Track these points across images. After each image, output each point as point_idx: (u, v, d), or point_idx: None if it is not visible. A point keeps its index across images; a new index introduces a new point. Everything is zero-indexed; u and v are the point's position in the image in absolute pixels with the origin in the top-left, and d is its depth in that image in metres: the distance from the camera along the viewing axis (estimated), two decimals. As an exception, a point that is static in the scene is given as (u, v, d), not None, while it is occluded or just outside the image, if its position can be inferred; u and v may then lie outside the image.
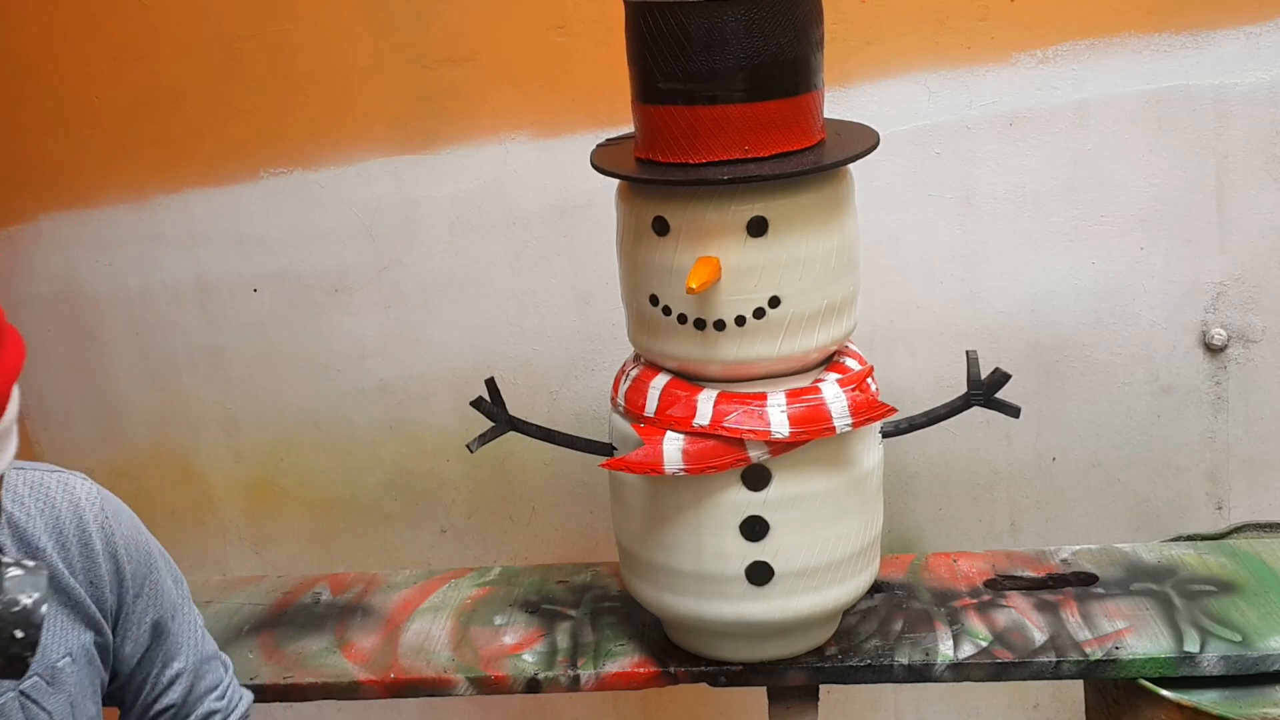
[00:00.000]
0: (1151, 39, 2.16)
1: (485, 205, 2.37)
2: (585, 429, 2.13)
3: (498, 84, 2.30)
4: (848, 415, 1.60)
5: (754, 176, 1.52)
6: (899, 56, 2.21)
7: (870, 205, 1.89)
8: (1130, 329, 2.30)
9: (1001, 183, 2.25)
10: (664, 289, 1.61)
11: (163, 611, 1.45)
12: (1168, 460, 2.37)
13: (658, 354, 1.68)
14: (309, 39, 2.31)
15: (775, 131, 1.55)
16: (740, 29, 1.50)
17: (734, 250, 1.55)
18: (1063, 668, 1.76)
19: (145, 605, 1.42)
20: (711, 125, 1.53)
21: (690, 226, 1.56)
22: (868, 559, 1.76)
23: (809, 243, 1.58)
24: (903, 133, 2.23)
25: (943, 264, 2.30)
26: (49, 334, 2.57)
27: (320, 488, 1.47)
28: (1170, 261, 2.26)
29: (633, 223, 1.64)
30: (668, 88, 1.54)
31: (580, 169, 1.77)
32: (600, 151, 1.74)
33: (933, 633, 1.83)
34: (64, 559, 1.32)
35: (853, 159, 1.59)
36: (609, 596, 2.03)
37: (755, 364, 1.62)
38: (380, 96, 2.33)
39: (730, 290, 1.56)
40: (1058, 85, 2.19)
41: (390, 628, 2.00)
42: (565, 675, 1.82)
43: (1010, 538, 2.44)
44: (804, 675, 1.79)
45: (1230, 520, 2.33)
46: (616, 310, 1.81)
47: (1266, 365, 2.29)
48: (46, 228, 2.52)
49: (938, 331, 2.32)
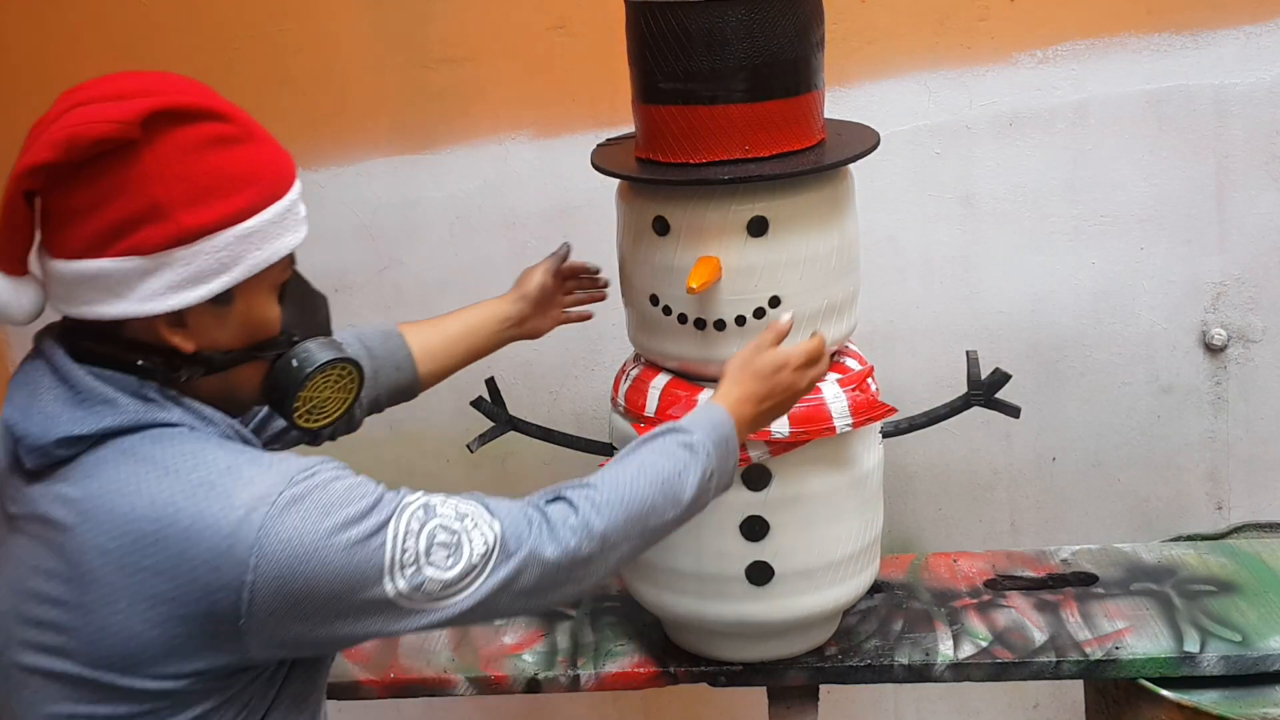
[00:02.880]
0: (1151, 39, 2.16)
1: (485, 205, 2.37)
2: (585, 429, 2.13)
3: (498, 84, 2.30)
4: (848, 415, 1.60)
5: (755, 176, 1.52)
6: (899, 56, 2.21)
7: (870, 205, 1.89)
8: (1130, 329, 2.30)
9: (1001, 183, 2.25)
10: (664, 289, 1.61)
11: None
12: (1168, 460, 2.37)
13: (658, 354, 1.68)
14: (308, 39, 2.31)
15: (776, 131, 1.55)
16: (741, 29, 1.50)
17: (734, 250, 1.55)
18: (1063, 668, 1.76)
19: None
20: (712, 125, 1.53)
21: (691, 226, 1.56)
22: (868, 559, 1.76)
23: (809, 242, 1.57)
24: (903, 133, 2.23)
25: (943, 264, 2.30)
26: (49, 334, 2.57)
27: (320, 488, 1.50)
28: (1170, 261, 2.26)
29: (633, 223, 1.64)
30: (668, 88, 1.54)
31: (580, 169, 1.77)
32: (600, 151, 1.74)
33: (933, 633, 1.83)
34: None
35: (853, 159, 1.59)
36: (609, 596, 2.03)
37: None
38: (380, 96, 2.33)
39: (730, 290, 1.56)
40: (1058, 85, 2.19)
41: (390, 628, 2.00)
42: (565, 675, 1.82)
43: (1010, 538, 2.44)
44: (804, 675, 1.79)
45: (1230, 520, 2.33)
46: (616, 310, 1.81)
47: (1266, 365, 2.29)
48: (46, 228, 2.52)
49: (938, 331, 2.32)
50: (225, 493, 1.08)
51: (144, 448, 1.11)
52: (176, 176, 1.09)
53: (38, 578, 1.13)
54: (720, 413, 1.39)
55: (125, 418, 1.12)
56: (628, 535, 1.28)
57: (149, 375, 1.15)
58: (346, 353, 1.27)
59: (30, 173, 1.08)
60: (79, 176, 1.09)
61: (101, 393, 1.13)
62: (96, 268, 1.10)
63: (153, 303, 1.11)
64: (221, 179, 1.11)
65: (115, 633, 1.10)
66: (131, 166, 1.08)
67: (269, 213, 1.15)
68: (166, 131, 1.09)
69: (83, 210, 1.09)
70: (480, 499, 1.26)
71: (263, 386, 1.23)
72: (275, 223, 1.16)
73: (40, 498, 1.13)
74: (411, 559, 1.15)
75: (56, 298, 1.16)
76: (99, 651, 1.11)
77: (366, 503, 1.14)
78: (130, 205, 1.09)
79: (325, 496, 1.11)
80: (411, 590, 1.15)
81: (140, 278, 1.10)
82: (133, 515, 1.08)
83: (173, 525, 1.08)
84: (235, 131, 1.14)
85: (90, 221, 1.09)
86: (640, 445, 1.35)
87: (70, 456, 1.12)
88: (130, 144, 1.08)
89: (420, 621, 1.17)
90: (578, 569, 1.25)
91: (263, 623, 1.10)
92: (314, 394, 1.24)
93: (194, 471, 1.10)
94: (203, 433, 1.15)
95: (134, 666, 1.10)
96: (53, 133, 1.07)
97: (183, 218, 1.09)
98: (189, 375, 1.16)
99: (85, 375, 1.13)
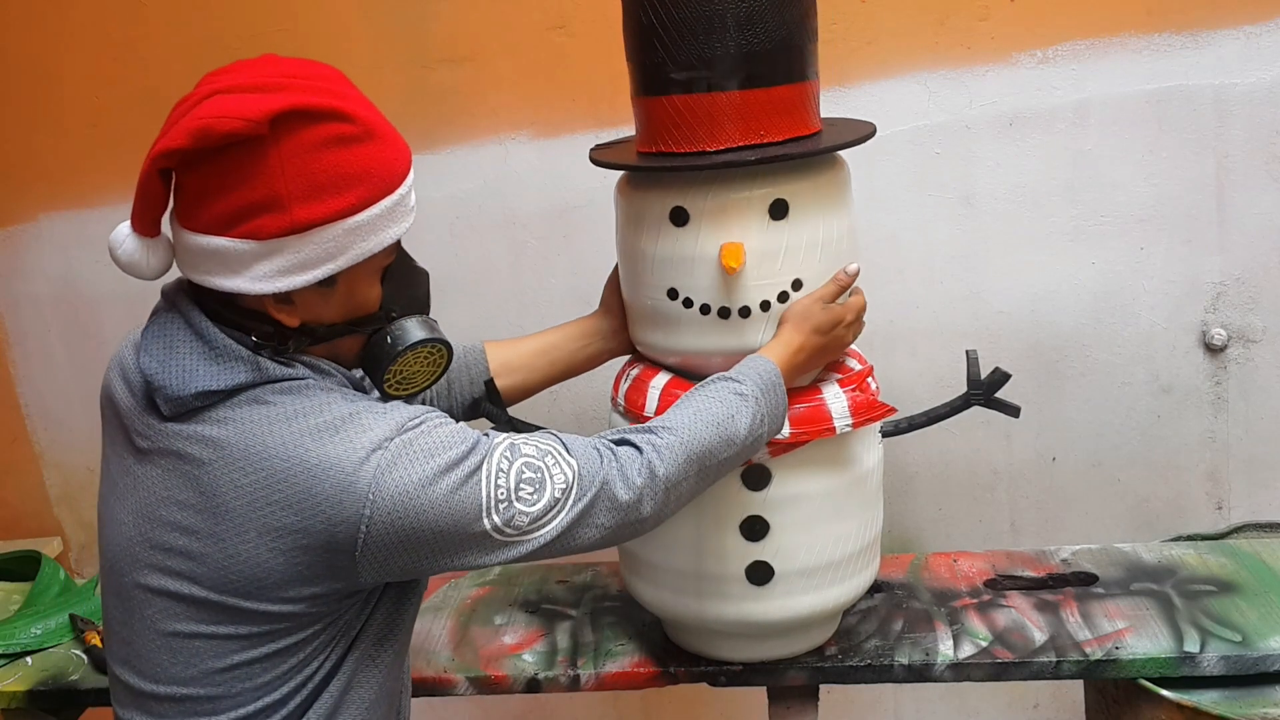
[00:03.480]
0: (1151, 39, 2.16)
1: (485, 205, 2.37)
2: (585, 429, 2.13)
3: (498, 84, 2.30)
4: (848, 415, 1.60)
5: (781, 156, 1.52)
6: (899, 56, 2.21)
7: (870, 205, 1.89)
8: (1130, 329, 2.30)
9: (1001, 183, 2.25)
10: (685, 280, 1.59)
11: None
12: (1168, 460, 2.37)
13: (669, 350, 1.66)
14: (308, 39, 2.31)
15: (786, 116, 1.56)
16: (761, 11, 1.50)
17: (757, 234, 1.55)
18: (1063, 668, 1.76)
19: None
20: (730, 110, 1.53)
21: (712, 213, 1.55)
22: (868, 559, 1.75)
23: (825, 224, 1.58)
24: (903, 133, 2.23)
25: (943, 264, 2.30)
26: (49, 334, 2.58)
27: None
28: (1170, 261, 2.26)
29: (644, 217, 1.62)
30: (682, 76, 1.53)
31: (580, 168, 1.77)
32: (595, 157, 1.72)
33: (933, 633, 1.83)
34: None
35: (869, 136, 1.60)
36: (609, 596, 2.03)
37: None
38: (380, 96, 2.31)
39: (755, 275, 1.56)
40: (1058, 85, 2.19)
41: (390, 628, 2.00)
42: (565, 675, 1.82)
43: (1010, 538, 2.44)
44: (804, 675, 1.79)
45: (1230, 520, 2.33)
46: (617, 310, 1.81)
47: (1266, 365, 2.30)
48: (46, 228, 2.52)
49: (938, 331, 2.32)
50: (347, 437, 1.22)
51: (275, 397, 1.24)
52: (296, 172, 1.20)
53: (170, 507, 1.25)
54: (767, 364, 1.50)
55: (257, 374, 1.25)
56: (687, 475, 1.40)
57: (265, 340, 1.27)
58: (439, 332, 1.39)
59: (165, 155, 1.19)
60: (209, 162, 1.19)
61: (235, 351, 1.25)
62: (218, 244, 1.22)
63: (263, 283, 1.23)
64: (337, 176, 1.21)
65: (244, 560, 1.23)
66: (257, 159, 1.19)
67: (377, 208, 1.25)
68: (292, 129, 1.19)
69: (210, 192, 1.21)
70: (556, 436, 1.37)
71: (360, 355, 1.36)
72: (383, 216, 1.26)
73: (175, 436, 1.25)
74: (505, 495, 1.27)
75: (183, 263, 1.28)
76: (227, 576, 1.23)
77: (464, 447, 1.27)
78: (252, 194, 1.19)
79: (430, 441, 1.25)
80: (505, 524, 1.28)
81: (255, 260, 1.22)
82: (265, 454, 1.21)
83: (301, 464, 1.21)
84: (356, 131, 1.24)
85: (216, 203, 1.20)
86: (695, 394, 1.47)
87: (206, 405, 1.25)
88: (258, 139, 1.18)
89: (512, 553, 1.30)
90: (644, 506, 1.36)
91: (375, 553, 1.23)
92: (404, 368, 1.37)
93: (319, 416, 1.23)
94: (323, 384, 1.28)
95: (258, 591, 1.24)
96: (190, 120, 1.18)
97: (297, 211, 1.20)
98: (295, 345, 1.29)
99: (220, 334, 1.25)
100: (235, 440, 1.22)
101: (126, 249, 1.27)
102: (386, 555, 1.24)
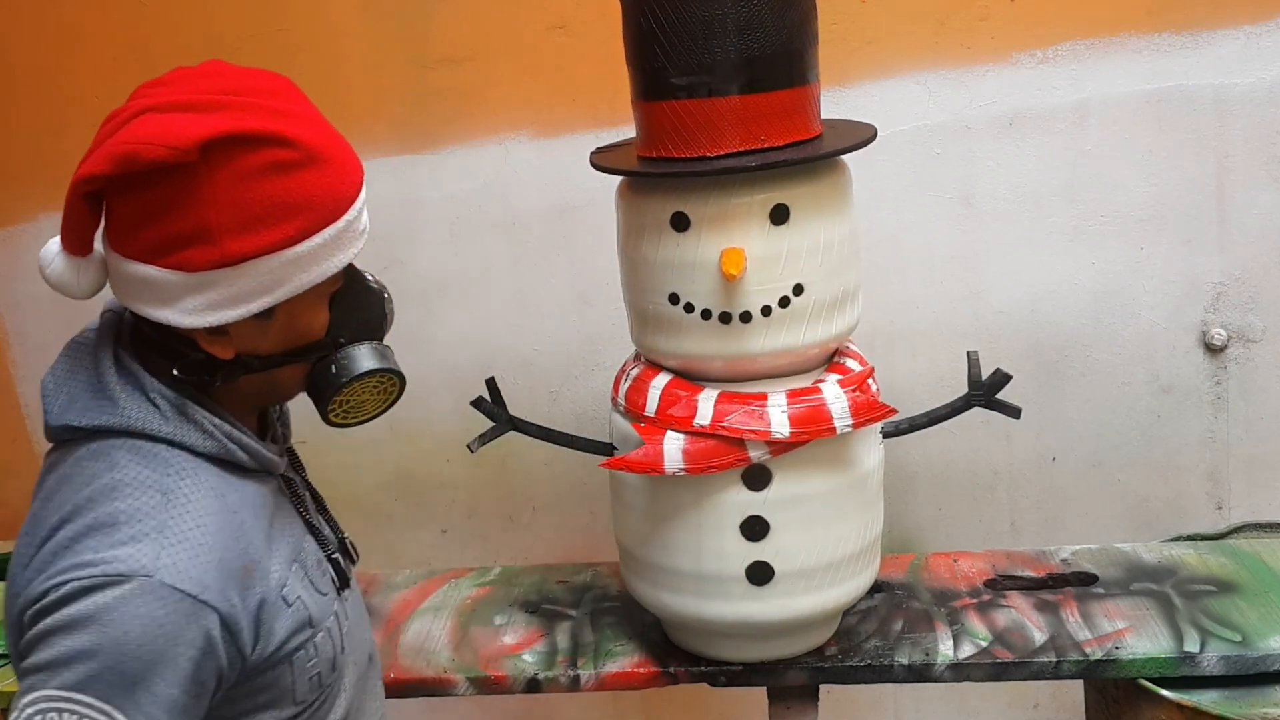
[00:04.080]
0: (1151, 39, 2.16)
1: (485, 205, 2.37)
2: (585, 429, 2.13)
3: (498, 84, 2.30)
4: (848, 416, 1.60)
5: (783, 162, 1.52)
6: (899, 56, 2.21)
7: (870, 205, 1.89)
8: (1130, 329, 2.30)
9: (1001, 183, 2.25)
10: (686, 285, 1.60)
11: None
12: (1168, 460, 2.37)
13: (670, 354, 1.67)
14: (308, 39, 2.31)
15: (787, 120, 1.56)
16: (757, 17, 1.50)
17: (758, 239, 1.55)
18: (1063, 668, 1.76)
19: None
20: (731, 116, 1.53)
21: (713, 218, 1.55)
22: (868, 559, 1.75)
23: (826, 228, 1.58)
24: (903, 133, 2.23)
25: (943, 264, 2.30)
26: (49, 334, 2.57)
27: (320, 487, 1.48)
28: (1170, 261, 2.26)
29: (646, 222, 1.62)
30: (683, 81, 1.53)
31: (580, 169, 1.77)
32: (596, 159, 1.72)
33: (933, 633, 1.83)
34: None
35: (869, 140, 1.60)
36: (609, 596, 2.03)
37: (781, 355, 1.61)
38: (380, 96, 2.33)
39: (756, 280, 1.56)
40: (1058, 85, 2.19)
41: (390, 627, 2.00)
42: (565, 675, 1.82)
43: (1010, 538, 2.44)
44: (804, 675, 1.79)
45: (1230, 520, 2.33)
46: (616, 310, 1.81)
47: (1266, 365, 2.29)
48: (46, 228, 2.52)
49: (938, 331, 2.32)
50: (94, 545, 1.07)
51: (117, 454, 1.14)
52: (229, 202, 1.10)
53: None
54: None
55: (116, 420, 1.15)
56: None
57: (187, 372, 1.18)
58: (390, 361, 1.28)
59: (88, 180, 1.10)
60: (136, 188, 1.11)
61: (111, 391, 1.16)
62: (147, 273, 1.13)
63: (193, 317, 1.14)
64: (273, 206, 1.12)
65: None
66: (187, 188, 1.09)
67: (319, 237, 1.16)
68: (225, 156, 1.09)
69: (139, 219, 1.12)
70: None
71: (304, 383, 1.27)
72: (326, 245, 1.17)
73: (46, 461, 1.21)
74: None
75: (114, 286, 1.20)
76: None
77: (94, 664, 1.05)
78: (180, 224, 1.10)
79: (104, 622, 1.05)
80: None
81: (184, 292, 1.13)
82: (40, 519, 1.13)
83: (44, 544, 1.10)
84: (296, 156, 1.13)
85: (144, 231, 1.12)
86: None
87: (70, 440, 1.17)
88: (188, 166, 1.09)
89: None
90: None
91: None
92: (350, 398, 1.28)
93: (108, 504, 1.10)
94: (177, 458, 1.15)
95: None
96: (114, 144, 1.09)
97: (229, 244, 1.11)
98: (225, 379, 1.20)
99: (110, 368, 1.18)
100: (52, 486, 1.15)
101: (55, 268, 1.18)
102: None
